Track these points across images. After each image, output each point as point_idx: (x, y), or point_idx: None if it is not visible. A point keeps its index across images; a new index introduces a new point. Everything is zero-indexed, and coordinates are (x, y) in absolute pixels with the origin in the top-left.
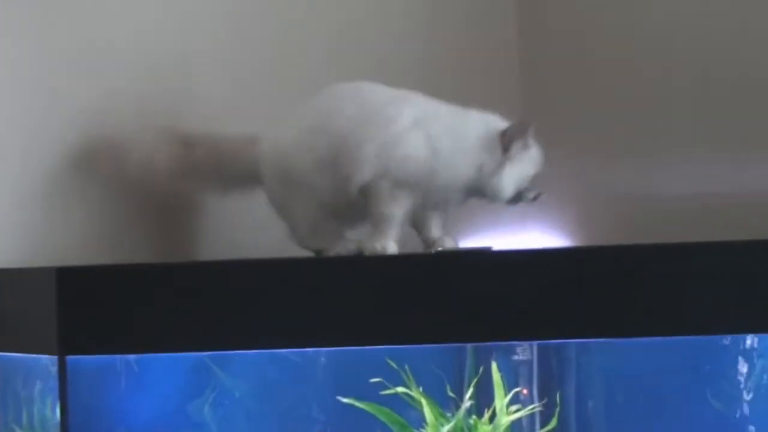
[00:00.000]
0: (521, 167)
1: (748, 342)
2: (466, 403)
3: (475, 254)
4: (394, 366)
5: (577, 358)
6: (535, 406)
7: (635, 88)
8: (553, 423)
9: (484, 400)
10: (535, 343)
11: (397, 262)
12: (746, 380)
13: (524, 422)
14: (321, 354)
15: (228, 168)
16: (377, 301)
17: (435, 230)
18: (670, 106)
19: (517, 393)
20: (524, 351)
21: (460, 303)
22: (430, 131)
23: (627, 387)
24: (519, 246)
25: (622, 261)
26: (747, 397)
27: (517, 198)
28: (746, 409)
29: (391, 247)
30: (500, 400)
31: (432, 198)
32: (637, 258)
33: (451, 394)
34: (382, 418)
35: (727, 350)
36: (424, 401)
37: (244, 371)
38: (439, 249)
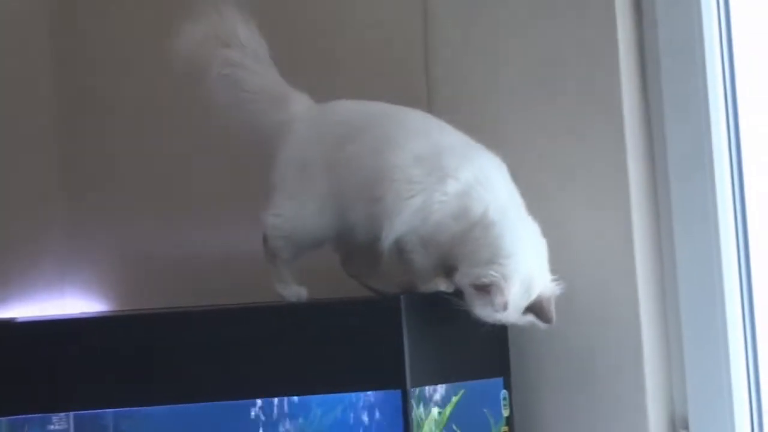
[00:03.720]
0: None
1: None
2: None
3: None
4: None
5: (114, 426)
6: None
7: (164, 149)
8: None
9: None
10: (71, 413)
11: None
12: None
13: None
14: None
15: (245, 99)
16: None
17: None
18: (201, 169)
19: None
20: (60, 421)
21: None
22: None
23: None
24: (47, 314)
25: (154, 327)
26: None
27: None
28: None
29: None
30: None
31: None
32: (168, 323)
33: None
34: None
35: (263, 413)
36: None
37: None
38: None
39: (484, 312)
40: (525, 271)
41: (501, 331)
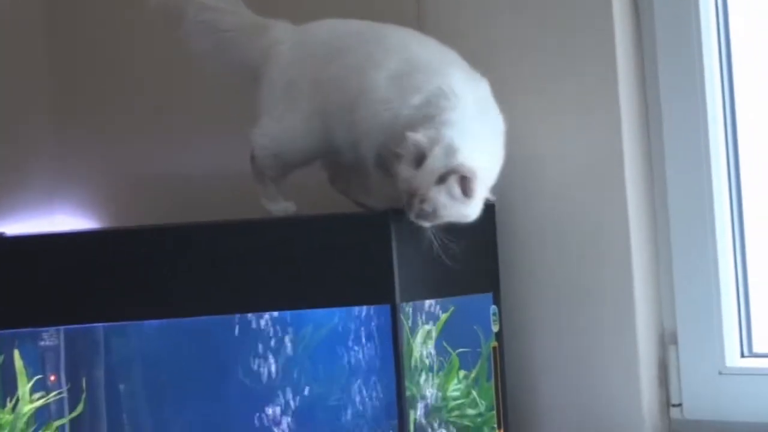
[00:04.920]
0: None
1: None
2: None
3: None
4: None
5: (105, 341)
6: (59, 392)
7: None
8: (80, 408)
9: (9, 389)
10: (61, 328)
11: None
12: (274, 356)
13: (53, 409)
14: None
15: (224, 39)
16: None
17: None
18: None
19: (42, 380)
20: (51, 337)
21: None
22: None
23: (157, 368)
24: (38, 230)
25: (145, 242)
26: (278, 372)
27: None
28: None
29: None
30: (22, 388)
31: None
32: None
33: None
34: None
35: (253, 327)
36: None
37: None
38: None
39: (404, 177)
40: (450, 136)
41: (491, 246)
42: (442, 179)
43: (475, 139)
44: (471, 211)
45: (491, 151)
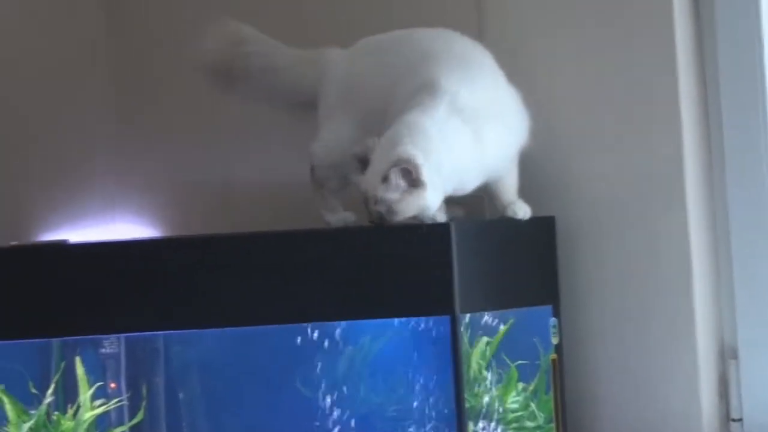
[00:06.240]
0: None
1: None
2: (47, 399)
3: (52, 247)
4: None
5: (165, 349)
6: (119, 400)
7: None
8: (140, 416)
9: (70, 396)
10: (122, 335)
11: None
12: (332, 366)
13: (113, 416)
14: None
15: (282, 76)
16: None
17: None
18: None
19: (103, 387)
20: (112, 344)
21: (40, 297)
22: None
23: (216, 377)
24: (99, 238)
25: (203, 251)
26: (336, 382)
27: None
28: (335, 395)
29: None
30: (83, 394)
31: None
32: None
33: (33, 390)
34: None
35: (311, 337)
36: (5, 399)
37: None
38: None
39: (357, 184)
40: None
41: (551, 259)
42: (385, 177)
43: (422, 132)
44: (427, 202)
45: (447, 139)
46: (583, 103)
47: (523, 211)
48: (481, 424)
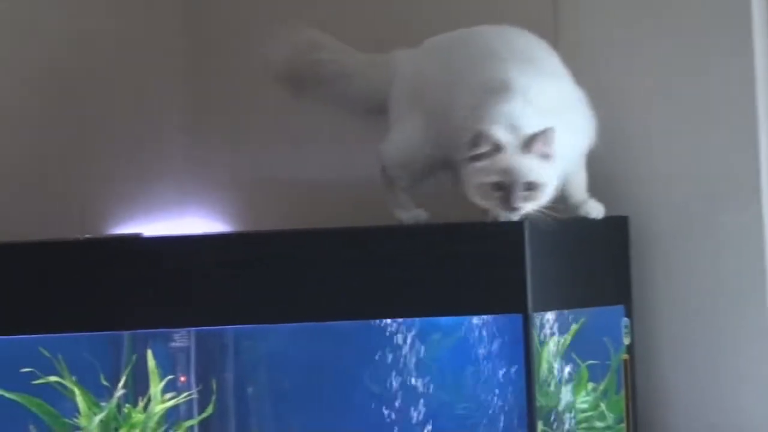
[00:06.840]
0: None
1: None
2: (119, 392)
3: (126, 241)
4: (47, 355)
5: (235, 344)
6: (189, 393)
7: None
8: (210, 410)
9: (141, 389)
10: (192, 329)
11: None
12: (403, 362)
13: (182, 409)
14: None
15: (354, 81)
16: (20, 291)
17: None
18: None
19: (173, 380)
20: (182, 338)
21: (112, 290)
22: None
23: (286, 372)
24: (172, 232)
25: (275, 246)
26: (407, 379)
27: None
28: (404, 391)
29: None
30: (154, 387)
31: None
32: (289, 243)
33: (104, 382)
34: (33, 408)
35: (383, 334)
36: (77, 390)
37: None
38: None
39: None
40: (507, 112)
41: (623, 259)
42: (526, 147)
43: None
44: (553, 178)
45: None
46: (657, 103)
47: (596, 210)
48: (550, 424)
